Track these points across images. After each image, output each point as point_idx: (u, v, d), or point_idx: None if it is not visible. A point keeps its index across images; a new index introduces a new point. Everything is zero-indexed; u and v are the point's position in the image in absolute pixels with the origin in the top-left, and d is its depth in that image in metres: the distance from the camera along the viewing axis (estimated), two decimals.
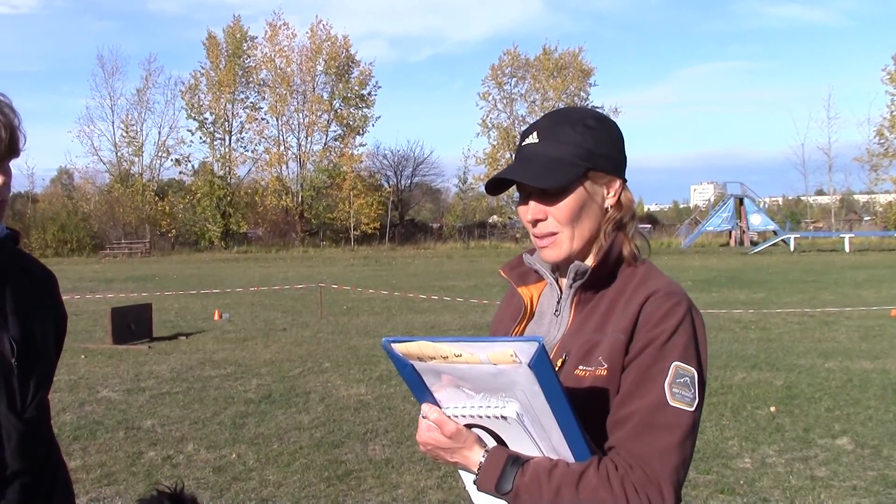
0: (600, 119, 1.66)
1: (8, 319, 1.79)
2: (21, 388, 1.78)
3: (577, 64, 58.91)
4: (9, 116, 1.73)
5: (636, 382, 1.50)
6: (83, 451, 6.33)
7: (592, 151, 1.60)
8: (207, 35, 57.83)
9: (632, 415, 1.48)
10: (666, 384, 1.47)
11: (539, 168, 1.60)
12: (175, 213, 55.78)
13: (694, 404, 1.48)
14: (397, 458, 6.13)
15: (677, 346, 1.50)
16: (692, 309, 1.56)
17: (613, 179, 1.63)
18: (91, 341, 12.13)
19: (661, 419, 1.46)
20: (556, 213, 1.61)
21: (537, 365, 1.37)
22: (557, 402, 1.42)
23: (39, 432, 1.85)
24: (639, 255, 1.66)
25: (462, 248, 52.94)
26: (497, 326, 1.84)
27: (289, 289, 21.26)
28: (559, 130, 1.63)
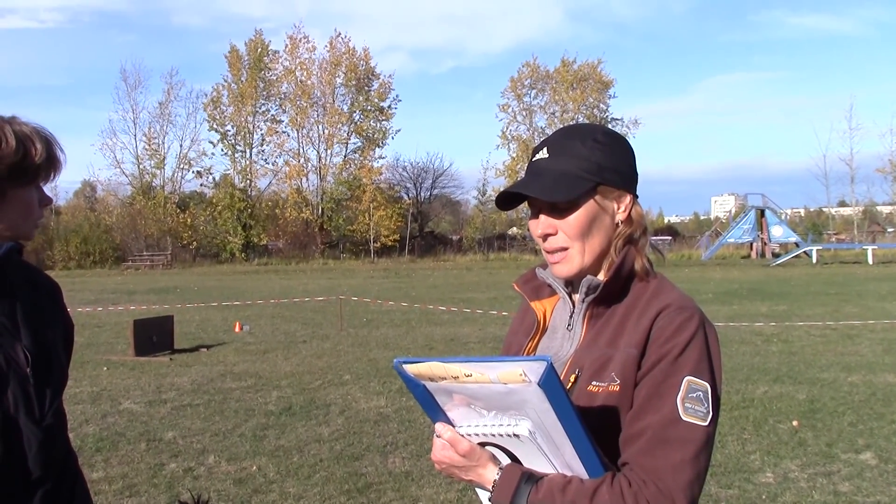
0: (610, 135, 1.67)
1: (20, 330, 1.82)
2: (38, 397, 1.81)
3: (597, 75, 58.89)
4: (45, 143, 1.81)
5: (648, 398, 1.50)
6: (105, 463, 6.37)
7: (602, 166, 1.61)
8: (230, 48, 58.38)
9: (644, 430, 1.48)
10: (678, 399, 1.47)
11: (547, 182, 1.61)
12: (196, 225, 56.11)
13: (707, 419, 1.48)
14: (417, 471, 6.13)
15: (689, 361, 1.50)
16: (705, 323, 1.55)
17: (623, 194, 1.64)
18: (113, 353, 12.22)
19: (674, 434, 1.46)
20: (566, 227, 1.61)
21: (547, 384, 1.38)
22: (568, 419, 1.43)
23: (58, 440, 1.88)
24: (651, 269, 1.66)
25: (482, 260, 52.91)
26: (511, 340, 1.84)
27: (309, 301, 21.33)
28: (569, 145, 1.64)
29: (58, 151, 1.84)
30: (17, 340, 1.80)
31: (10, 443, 1.75)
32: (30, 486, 1.79)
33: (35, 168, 1.78)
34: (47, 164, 1.81)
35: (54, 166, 1.83)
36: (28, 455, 1.77)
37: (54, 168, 1.83)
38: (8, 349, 1.78)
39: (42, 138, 1.79)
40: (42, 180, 1.83)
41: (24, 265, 1.98)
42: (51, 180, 1.86)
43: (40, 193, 1.85)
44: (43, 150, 1.78)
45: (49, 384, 1.85)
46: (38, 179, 1.82)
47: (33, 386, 1.80)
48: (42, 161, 1.79)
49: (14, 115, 1.81)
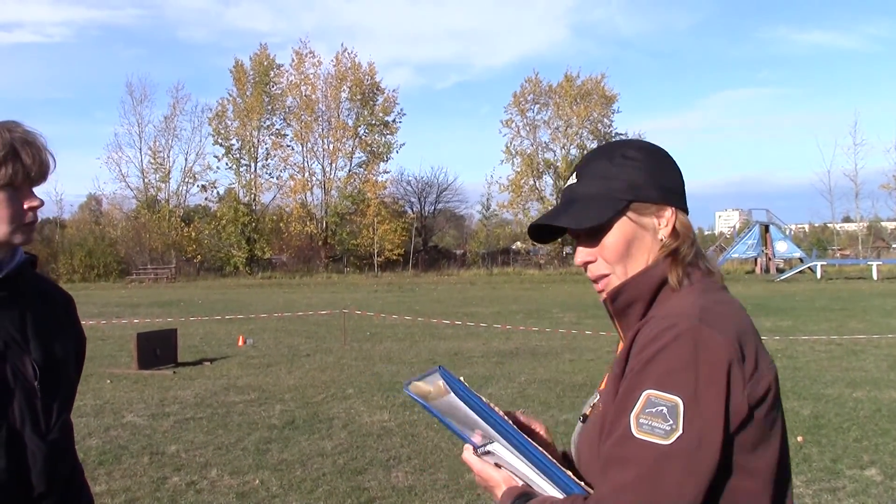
0: (643, 148, 1.59)
1: (30, 342, 1.82)
2: (44, 411, 1.81)
3: (600, 90, 59.01)
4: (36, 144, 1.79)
5: (611, 417, 1.41)
6: (108, 476, 6.36)
7: (634, 183, 1.53)
8: (235, 63, 58.63)
9: (604, 451, 1.40)
10: (632, 415, 1.35)
11: (575, 209, 1.54)
12: (201, 238, 56.21)
13: (671, 436, 1.31)
14: (420, 485, 6.11)
15: (653, 374, 1.36)
16: (695, 331, 1.37)
17: (663, 208, 1.54)
18: (116, 366, 12.22)
19: (623, 453, 1.35)
20: (604, 252, 1.55)
21: (456, 391, 1.40)
22: (501, 429, 1.44)
23: (64, 454, 1.87)
24: (685, 280, 1.52)
25: (485, 274, 52.87)
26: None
27: (312, 315, 21.32)
28: (596, 166, 1.57)
29: (47, 157, 1.82)
30: (26, 353, 1.80)
31: (15, 456, 1.74)
32: (34, 500, 1.78)
33: (21, 173, 1.77)
34: (38, 170, 1.79)
35: (42, 171, 1.81)
36: (32, 469, 1.77)
37: (41, 174, 1.81)
38: (16, 362, 1.78)
39: (29, 144, 1.78)
40: (28, 184, 1.80)
41: (37, 277, 1.98)
42: (37, 184, 1.83)
43: (28, 196, 1.81)
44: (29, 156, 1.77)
45: (57, 398, 1.85)
46: (24, 184, 1.79)
47: (40, 399, 1.80)
48: (29, 166, 1.77)
49: (15, 122, 1.81)
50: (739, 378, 1.37)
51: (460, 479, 6.25)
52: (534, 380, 10.77)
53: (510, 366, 12.22)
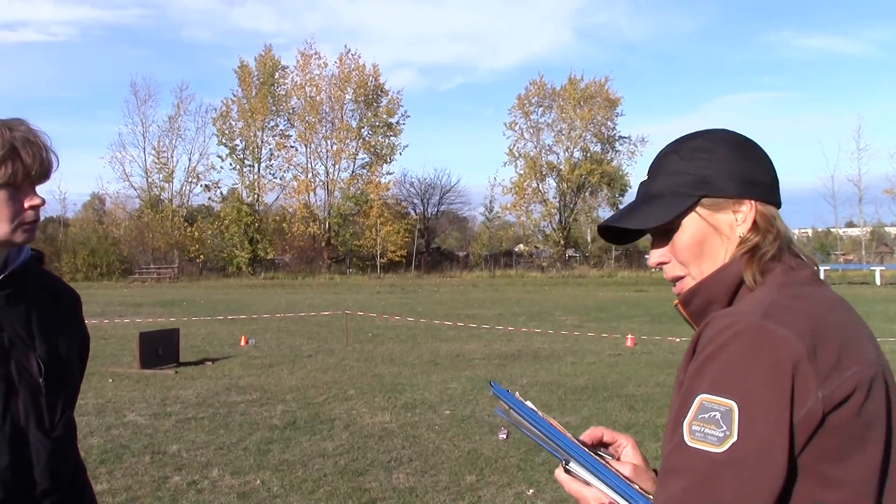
0: (718, 139, 1.47)
1: (35, 340, 1.83)
2: (48, 408, 1.81)
3: (604, 93, 59.01)
4: (37, 143, 1.79)
5: (670, 426, 1.33)
6: (109, 475, 6.37)
7: (704, 177, 1.43)
8: (240, 63, 58.64)
9: (661, 462, 1.32)
10: (686, 422, 1.26)
11: (642, 208, 1.47)
12: (204, 238, 56.22)
13: (725, 443, 1.22)
14: (421, 486, 6.10)
15: (707, 377, 1.26)
16: (757, 329, 1.27)
17: (741, 202, 1.42)
18: (119, 365, 12.23)
19: (676, 462, 1.26)
20: (676, 253, 1.47)
21: (514, 408, 1.41)
22: (565, 446, 1.41)
23: (67, 451, 1.88)
24: (759, 277, 1.39)
25: (488, 276, 52.87)
26: None
27: (315, 315, 21.33)
28: (666, 162, 1.48)
29: (50, 156, 1.82)
30: (31, 350, 1.81)
31: (19, 453, 1.75)
32: (37, 497, 1.79)
33: (21, 172, 1.76)
34: (39, 169, 1.79)
35: (43, 171, 1.81)
36: (36, 466, 1.77)
37: (42, 173, 1.81)
38: (21, 359, 1.79)
39: (31, 143, 1.78)
40: (29, 183, 1.80)
41: (44, 274, 1.98)
42: (39, 183, 1.83)
43: (29, 195, 1.80)
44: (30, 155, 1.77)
45: (61, 395, 1.86)
46: (25, 183, 1.79)
47: (45, 396, 1.81)
48: (30, 165, 1.77)
49: (19, 120, 1.81)
50: (810, 378, 1.24)
51: (461, 480, 6.25)
52: (536, 382, 10.77)
53: (512, 368, 12.22)
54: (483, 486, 6.15)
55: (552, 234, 59.83)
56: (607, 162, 59.46)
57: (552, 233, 59.82)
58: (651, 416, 8.28)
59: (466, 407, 9.10)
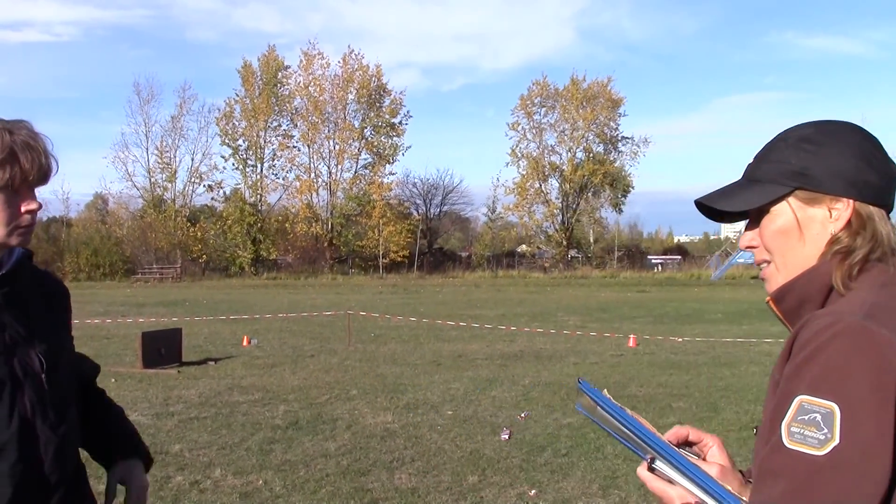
0: (832, 132, 1.42)
1: (35, 336, 1.84)
2: (53, 403, 1.83)
3: (607, 94, 58.97)
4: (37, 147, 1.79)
5: (767, 426, 1.29)
6: None
7: (804, 168, 1.39)
8: (243, 63, 58.66)
9: (759, 463, 1.28)
10: (784, 424, 1.23)
11: (737, 190, 1.46)
12: (206, 238, 56.25)
13: (826, 446, 1.18)
14: (423, 487, 6.10)
15: (807, 377, 1.23)
16: (858, 329, 1.23)
17: (837, 199, 1.38)
18: (121, 365, 12.24)
19: (774, 464, 1.24)
20: (763, 239, 1.45)
21: (604, 406, 1.38)
22: (655, 445, 1.38)
23: (74, 446, 1.91)
24: (849, 282, 1.36)
25: (490, 277, 52.86)
26: None
27: (317, 315, 21.34)
28: (773, 148, 1.46)
29: (50, 161, 1.82)
30: (31, 347, 1.82)
31: (28, 449, 1.77)
32: (48, 491, 1.81)
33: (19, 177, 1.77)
34: (37, 174, 1.79)
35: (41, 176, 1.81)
36: (45, 461, 1.79)
37: (40, 178, 1.81)
38: (23, 356, 1.80)
39: (31, 148, 1.78)
40: (26, 187, 1.80)
41: (35, 270, 2.00)
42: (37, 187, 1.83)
43: (26, 199, 1.81)
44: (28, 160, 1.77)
45: (63, 388, 1.88)
46: (23, 186, 1.79)
47: (48, 392, 1.82)
48: (27, 170, 1.77)
49: (21, 123, 1.81)
50: None
51: (463, 481, 6.25)
52: (538, 383, 10.76)
53: (514, 368, 12.21)
54: (485, 486, 6.15)
55: (555, 234, 59.82)
56: (610, 162, 59.43)
57: (555, 233, 59.81)
58: (654, 417, 8.27)
59: (469, 407, 9.10)
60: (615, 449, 7.06)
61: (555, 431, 7.88)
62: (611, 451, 7.02)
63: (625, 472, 6.42)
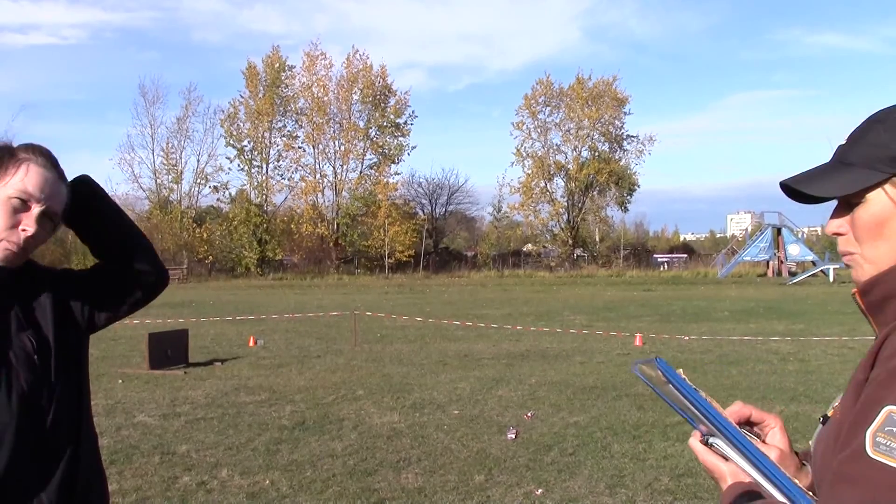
0: None
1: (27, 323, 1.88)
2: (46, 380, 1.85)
3: (612, 92, 58.95)
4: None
5: (847, 430, 1.23)
6: (119, 476, 6.38)
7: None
8: (247, 65, 58.83)
9: (835, 465, 1.22)
10: (869, 432, 1.17)
11: (828, 174, 1.36)
12: (212, 239, 56.44)
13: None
14: (430, 486, 6.10)
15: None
16: None
17: None
18: (128, 366, 12.27)
19: (855, 471, 1.17)
20: (853, 227, 1.35)
21: (677, 385, 1.36)
22: (724, 429, 1.37)
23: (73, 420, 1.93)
24: None
25: (496, 276, 52.88)
26: None
27: (323, 316, 21.36)
28: (869, 129, 1.34)
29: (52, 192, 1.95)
30: (24, 332, 1.86)
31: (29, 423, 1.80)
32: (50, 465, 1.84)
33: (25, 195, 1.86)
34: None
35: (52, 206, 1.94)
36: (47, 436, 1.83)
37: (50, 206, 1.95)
38: (18, 341, 1.84)
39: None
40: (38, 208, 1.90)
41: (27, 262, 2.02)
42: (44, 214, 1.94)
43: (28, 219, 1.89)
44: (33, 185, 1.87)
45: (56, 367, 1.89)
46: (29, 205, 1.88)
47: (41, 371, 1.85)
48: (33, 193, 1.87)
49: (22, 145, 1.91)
50: None
51: (470, 480, 6.25)
52: (544, 382, 10.75)
53: (520, 368, 12.20)
54: (492, 485, 6.14)
55: (560, 233, 59.81)
56: (615, 161, 59.42)
57: (560, 232, 59.80)
58: (660, 416, 8.25)
59: (475, 407, 9.09)
60: (622, 448, 7.05)
61: (561, 431, 7.87)
62: (618, 451, 7.01)
63: (631, 471, 6.41)
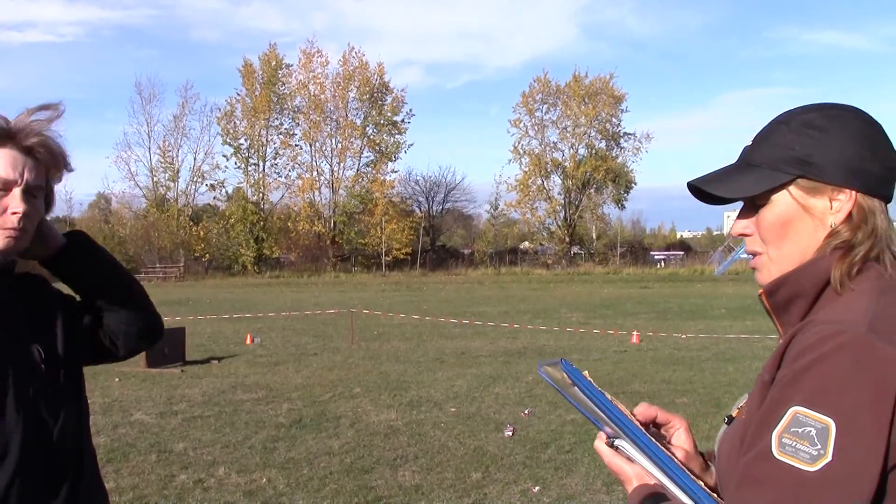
0: (836, 116, 1.35)
1: (33, 330, 1.84)
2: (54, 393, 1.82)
3: (608, 90, 58.89)
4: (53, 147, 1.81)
5: (753, 430, 1.25)
6: (116, 474, 6.38)
7: (807, 156, 1.32)
8: (244, 62, 58.72)
9: (741, 465, 1.24)
10: (775, 433, 1.19)
11: (734, 175, 1.38)
12: (209, 237, 56.36)
13: (818, 463, 1.14)
14: (427, 484, 6.11)
15: (804, 388, 1.18)
16: (861, 343, 1.18)
17: (839, 190, 1.31)
18: (125, 364, 12.22)
19: (760, 472, 1.19)
20: (758, 228, 1.37)
21: (581, 387, 1.36)
22: (628, 431, 1.38)
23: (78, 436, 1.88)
24: (848, 280, 1.29)
25: (493, 274, 52.86)
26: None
27: (320, 314, 21.35)
28: (774, 131, 1.37)
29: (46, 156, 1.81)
30: (31, 341, 1.81)
31: (33, 441, 1.75)
32: (55, 480, 1.80)
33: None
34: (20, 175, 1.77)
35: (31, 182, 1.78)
36: (52, 449, 1.78)
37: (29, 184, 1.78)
38: (24, 349, 1.79)
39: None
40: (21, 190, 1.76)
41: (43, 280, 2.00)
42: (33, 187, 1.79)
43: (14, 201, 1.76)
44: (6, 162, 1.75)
45: (66, 382, 1.86)
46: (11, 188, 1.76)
47: (50, 382, 1.81)
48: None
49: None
50: None
51: (467, 478, 6.25)
52: (541, 380, 10.72)
53: (517, 365, 12.21)
54: (489, 483, 6.15)
55: (557, 231, 59.80)
56: (612, 158, 59.39)
57: (557, 230, 59.78)
58: None
59: (472, 404, 9.10)
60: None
61: (558, 428, 7.88)
62: None
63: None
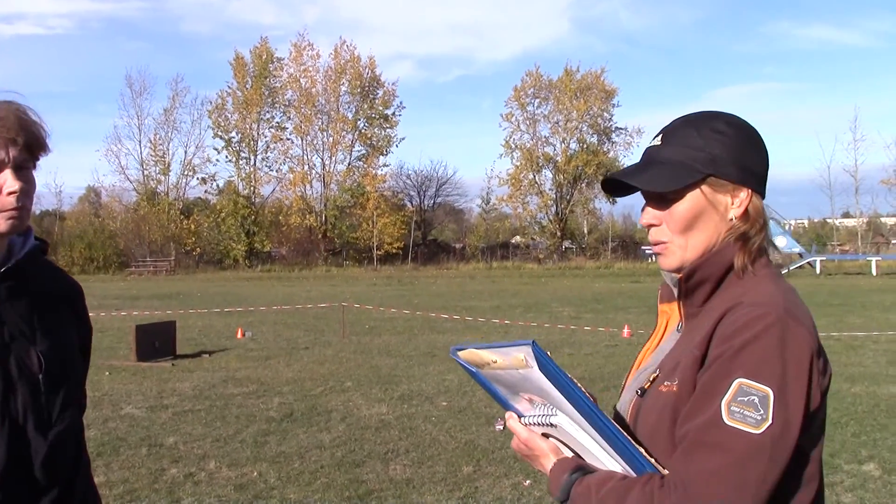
0: (733, 124, 1.56)
1: (36, 334, 1.78)
2: (48, 404, 1.77)
3: (600, 85, 58.87)
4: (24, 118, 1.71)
5: (696, 400, 1.41)
6: (106, 468, 6.37)
7: (716, 157, 1.52)
8: (235, 56, 58.47)
9: (687, 433, 1.39)
10: (723, 402, 1.36)
11: (651, 171, 1.55)
12: (200, 231, 56.17)
13: (762, 426, 1.33)
14: (418, 478, 6.11)
15: (746, 362, 1.37)
16: (783, 323, 1.40)
17: (739, 188, 1.53)
18: (115, 358, 12.22)
19: (713, 438, 1.35)
20: (669, 219, 1.55)
21: (543, 367, 1.38)
22: (584, 408, 1.41)
23: (67, 448, 1.83)
24: (750, 267, 1.52)
25: (484, 268, 52.84)
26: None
27: (311, 308, 21.33)
28: (684, 133, 1.56)
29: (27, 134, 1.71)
30: (31, 345, 1.76)
31: (17, 452, 1.71)
32: (36, 495, 1.75)
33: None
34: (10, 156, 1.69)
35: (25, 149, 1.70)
36: (34, 463, 1.73)
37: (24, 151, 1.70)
38: (21, 354, 1.74)
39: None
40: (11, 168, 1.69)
41: (47, 265, 1.93)
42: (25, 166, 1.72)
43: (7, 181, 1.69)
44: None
45: (61, 391, 1.81)
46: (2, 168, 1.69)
47: (44, 393, 1.76)
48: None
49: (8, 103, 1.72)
50: (817, 370, 1.43)
51: (458, 471, 6.26)
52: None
53: None
54: (480, 476, 6.16)
55: (548, 225, 59.81)
56: (604, 153, 59.39)
57: (548, 224, 59.79)
58: None
59: (463, 398, 9.11)
60: None
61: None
62: None
63: None
